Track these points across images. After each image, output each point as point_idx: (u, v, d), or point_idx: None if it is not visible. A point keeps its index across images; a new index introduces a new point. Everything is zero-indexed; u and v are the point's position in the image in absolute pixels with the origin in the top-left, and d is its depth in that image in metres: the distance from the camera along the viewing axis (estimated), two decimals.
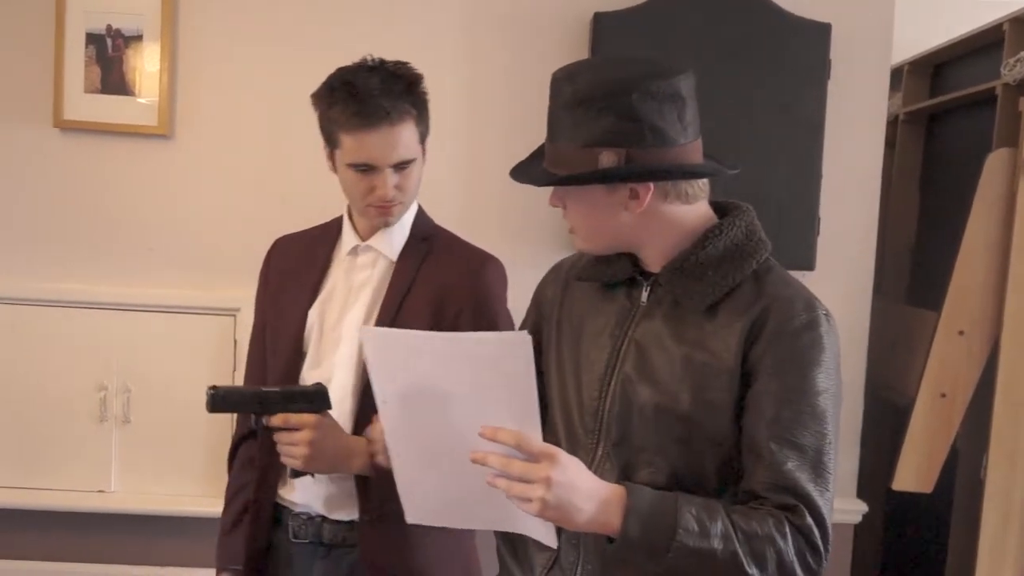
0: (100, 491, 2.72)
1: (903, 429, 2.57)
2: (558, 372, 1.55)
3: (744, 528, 1.33)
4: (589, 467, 1.45)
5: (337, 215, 1.94)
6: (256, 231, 2.70)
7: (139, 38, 2.63)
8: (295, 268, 1.89)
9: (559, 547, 1.48)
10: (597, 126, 1.38)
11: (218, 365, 2.68)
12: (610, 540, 1.33)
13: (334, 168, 1.81)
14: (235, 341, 2.68)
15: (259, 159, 2.70)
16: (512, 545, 1.62)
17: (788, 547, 1.33)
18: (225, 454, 1.98)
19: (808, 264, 2.64)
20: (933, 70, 3.20)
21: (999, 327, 2.48)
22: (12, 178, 2.68)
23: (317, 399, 1.71)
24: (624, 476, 1.44)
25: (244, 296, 2.75)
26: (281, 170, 2.69)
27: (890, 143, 2.99)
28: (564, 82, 1.42)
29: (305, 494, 1.82)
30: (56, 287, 2.68)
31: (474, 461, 1.32)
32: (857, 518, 2.81)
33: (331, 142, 1.78)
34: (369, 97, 1.69)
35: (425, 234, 1.88)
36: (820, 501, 1.36)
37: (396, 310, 1.79)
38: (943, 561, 2.73)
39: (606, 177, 1.39)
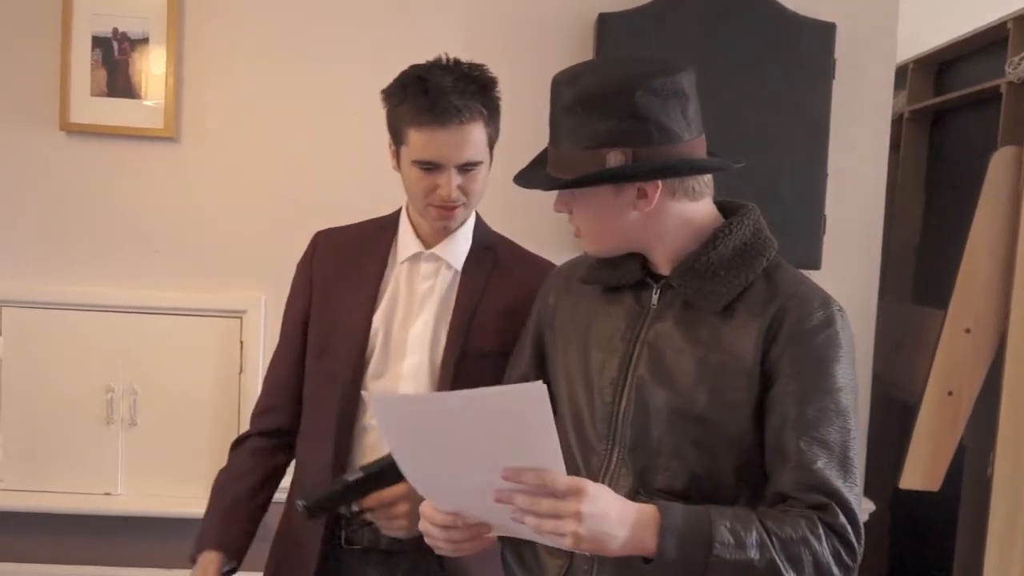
0: (107, 493, 2.72)
1: (910, 427, 2.57)
2: (566, 379, 1.53)
3: (778, 534, 1.32)
4: (604, 473, 1.45)
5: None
6: (262, 234, 2.72)
7: (145, 41, 2.64)
8: (347, 267, 1.82)
9: (572, 555, 1.47)
10: (602, 126, 1.37)
11: (224, 367, 2.69)
12: (646, 560, 1.31)
13: (397, 166, 1.75)
14: (241, 343, 2.68)
15: (265, 161, 2.70)
16: (519, 553, 1.59)
17: (823, 548, 1.33)
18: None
19: (814, 263, 2.64)
20: (938, 68, 3.20)
21: (1005, 324, 2.48)
22: (19, 181, 2.68)
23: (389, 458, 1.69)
24: (641, 481, 1.43)
25: (250, 298, 2.77)
26: (287, 172, 2.69)
27: (895, 142, 2.99)
28: (565, 85, 1.41)
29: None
30: (63, 290, 2.68)
31: (498, 502, 1.30)
32: (864, 517, 2.80)
33: (397, 139, 1.72)
34: (441, 94, 1.64)
35: (488, 243, 1.83)
36: (850, 497, 1.36)
37: (468, 323, 1.75)
38: (951, 559, 2.73)
39: (615, 177, 1.38)
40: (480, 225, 1.84)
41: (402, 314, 1.78)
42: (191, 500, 2.71)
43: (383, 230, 1.84)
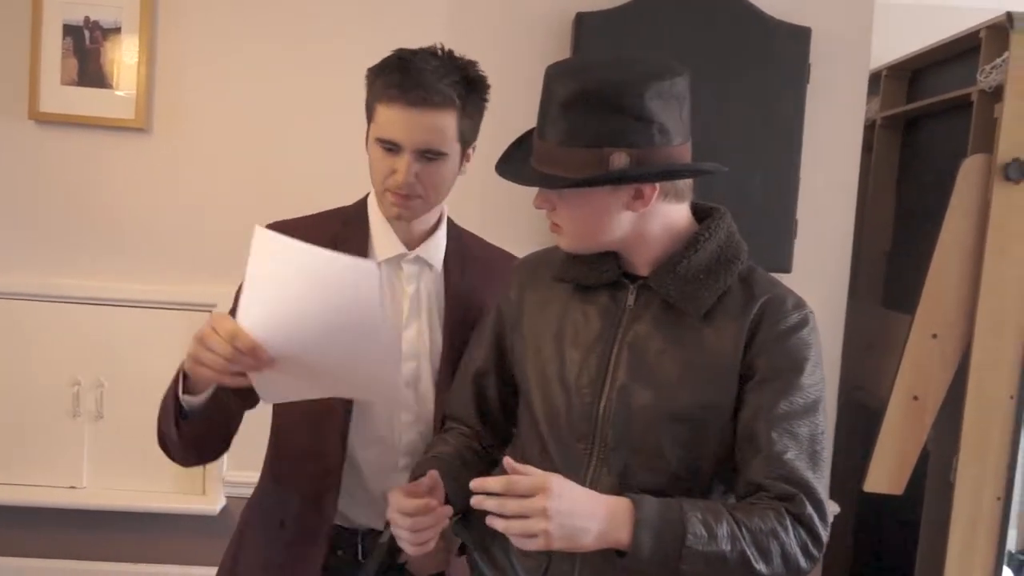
0: (72, 487, 2.70)
1: (875, 431, 2.60)
2: (540, 379, 1.52)
3: (748, 525, 1.35)
4: (584, 473, 1.46)
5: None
6: (233, 227, 2.68)
7: (117, 30, 2.61)
8: None
9: (550, 557, 1.48)
10: (605, 125, 1.36)
11: None
12: (619, 553, 1.33)
13: (367, 147, 1.66)
14: None
15: (236, 155, 2.68)
16: (487, 552, 1.58)
17: (790, 539, 1.36)
18: None
19: (785, 266, 2.65)
20: (911, 75, 3.23)
21: (971, 331, 2.51)
22: None
23: None
24: (621, 480, 1.44)
25: (220, 292, 2.72)
26: (259, 166, 2.68)
27: (867, 147, 3.01)
28: (565, 79, 1.38)
29: (379, 517, 1.66)
30: (30, 281, 2.66)
31: (474, 506, 1.33)
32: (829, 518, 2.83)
33: (368, 115, 1.64)
34: (417, 73, 1.56)
35: (458, 238, 1.78)
36: (818, 487, 1.39)
37: (460, 323, 1.70)
38: (912, 562, 2.75)
39: (622, 178, 1.37)
40: (449, 223, 1.78)
41: (390, 319, 1.68)
42: (157, 494, 2.70)
43: (350, 227, 1.73)
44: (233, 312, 1.47)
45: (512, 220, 2.58)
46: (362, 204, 1.75)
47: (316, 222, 1.74)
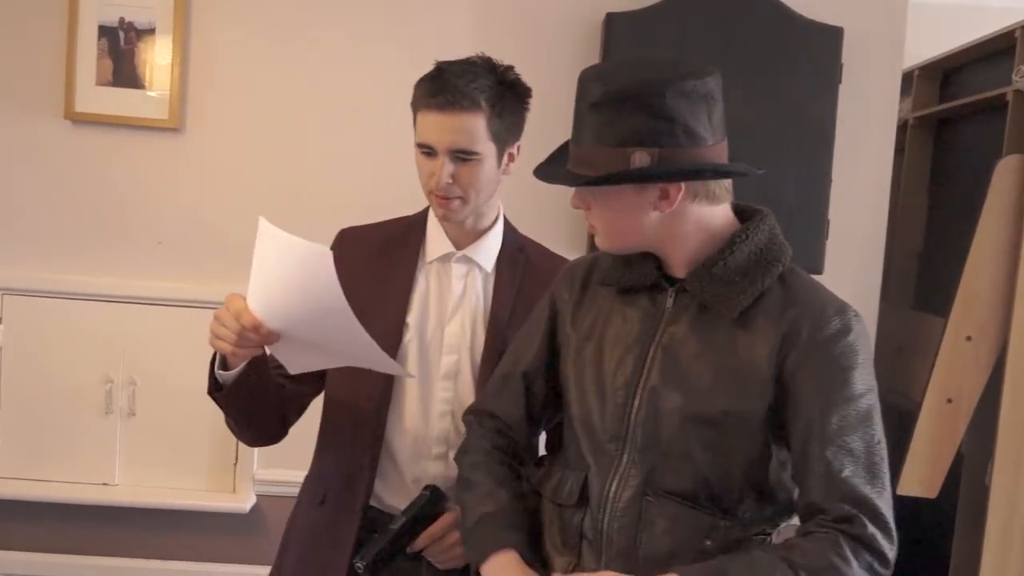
0: (104, 484, 2.72)
1: (908, 434, 2.57)
2: (577, 379, 1.53)
3: (803, 566, 1.33)
4: (614, 474, 1.46)
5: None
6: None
7: (151, 31, 2.64)
8: (375, 266, 1.80)
9: (580, 553, 1.49)
10: (628, 125, 1.36)
11: None
12: None
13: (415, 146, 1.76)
14: None
15: (269, 154, 2.70)
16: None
17: (851, 567, 1.34)
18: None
19: (816, 267, 2.63)
20: (943, 75, 3.20)
21: (1007, 333, 2.48)
22: (23, 169, 2.69)
23: (438, 500, 1.68)
24: (649, 482, 1.44)
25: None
26: (291, 165, 2.69)
27: (899, 148, 2.99)
28: (593, 82, 1.40)
29: (409, 499, 1.74)
30: (64, 279, 2.69)
31: None
32: None
33: (414, 122, 1.73)
34: (447, 79, 1.65)
35: (518, 244, 1.83)
36: (880, 503, 1.36)
37: (505, 323, 1.75)
38: (946, 566, 2.72)
39: (640, 177, 1.37)
40: (508, 227, 1.84)
41: (435, 314, 1.77)
42: (189, 491, 2.72)
43: (409, 229, 1.83)
44: None
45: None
46: (425, 210, 1.84)
47: (383, 226, 1.86)
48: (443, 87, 1.64)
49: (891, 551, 1.37)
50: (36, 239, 2.70)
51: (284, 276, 1.48)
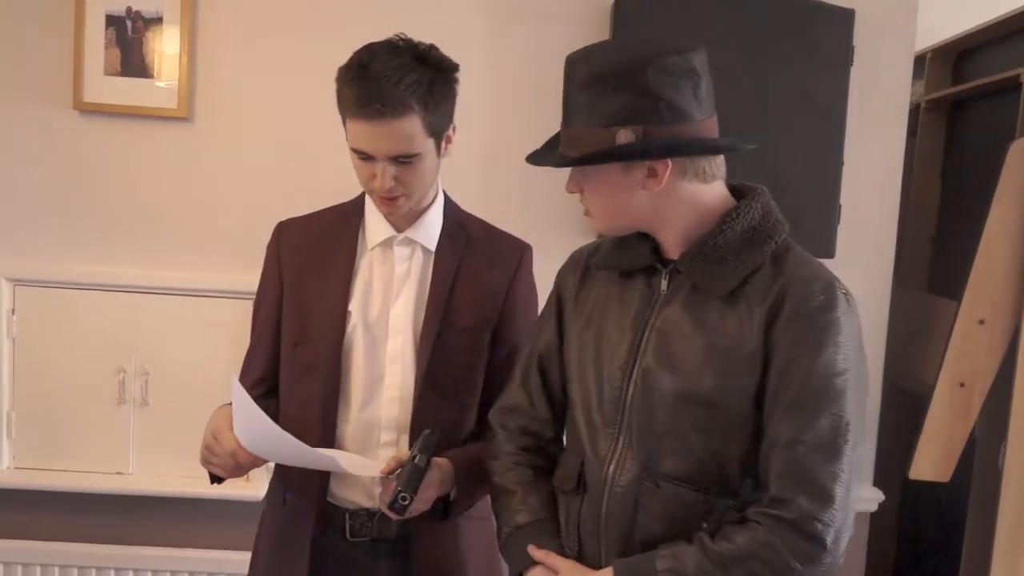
0: (119, 473, 2.74)
1: (921, 418, 2.56)
2: (578, 363, 1.54)
3: (725, 556, 1.36)
4: (610, 458, 1.47)
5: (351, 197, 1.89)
6: (275, 215, 2.69)
7: (159, 20, 2.63)
8: (316, 256, 1.81)
9: (580, 545, 1.52)
10: (613, 104, 1.37)
11: (236, 349, 2.66)
12: None
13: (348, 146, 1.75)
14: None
15: (279, 142, 2.70)
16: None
17: (779, 551, 1.35)
18: None
19: (828, 252, 2.62)
20: (956, 58, 3.18)
21: (1019, 316, 2.47)
22: (31, 160, 2.69)
23: (435, 440, 1.70)
24: (646, 466, 1.44)
25: None
26: (301, 153, 2.69)
27: (912, 131, 2.97)
28: (578, 63, 1.41)
29: (370, 493, 1.78)
30: (75, 269, 2.69)
31: None
32: (874, 506, 2.81)
33: (343, 121, 1.71)
34: (374, 84, 1.60)
35: (458, 220, 1.83)
36: (831, 483, 1.35)
37: (445, 301, 1.76)
38: (959, 549, 2.72)
39: (623, 154, 1.37)
40: (449, 204, 1.84)
41: (380, 298, 1.77)
42: (202, 480, 2.70)
43: (347, 217, 1.83)
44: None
45: (553, 208, 2.59)
46: (361, 196, 1.84)
47: (319, 216, 1.88)
48: (371, 95, 1.60)
49: (829, 533, 1.35)
50: (47, 230, 2.70)
51: (280, 446, 1.65)
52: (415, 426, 1.74)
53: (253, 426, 1.63)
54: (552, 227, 2.61)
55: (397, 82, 1.60)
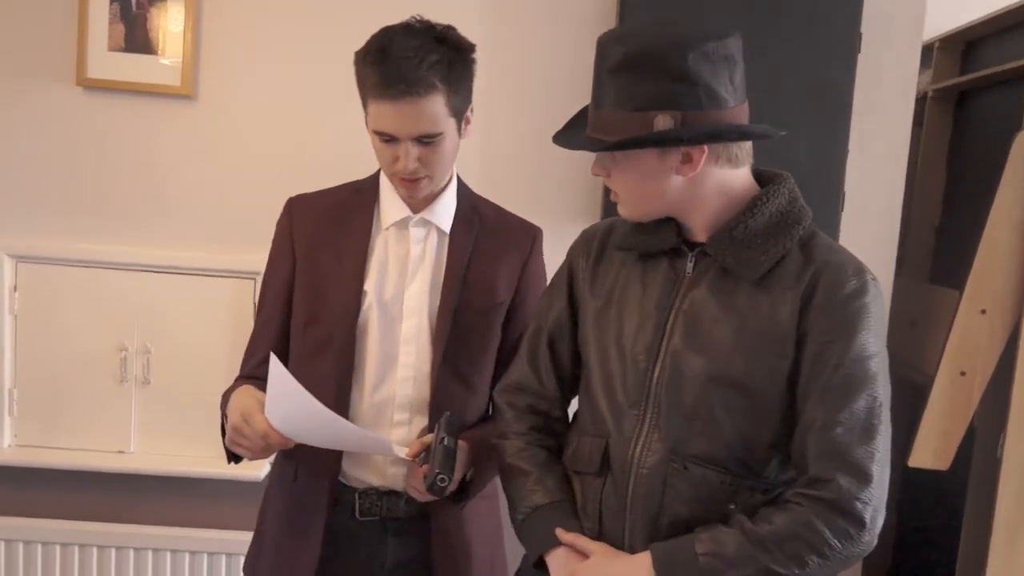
0: (120, 451, 2.74)
1: (921, 406, 2.57)
2: (598, 344, 1.54)
3: (766, 537, 1.36)
4: (636, 439, 1.47)
5: (363, 176, 1.89)
6: (279, 193, 2.69)
7: None
8: (329, 234, 1.80)
9: (601, 523, 1.52)
10: (650, 89, 1.36)
11: (238, 328, 2.69)
12: None
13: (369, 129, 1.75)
14: (255, 304, 2.68)
15: (283, 121, 2.69)
16: None
17: (819, 532, 1.35)
18: None
19: (831, 239, 2.61)
20: (964, 47, 3.16)
21: (1021, 306, 2.47)
22: (35, 136, 2.68)
23: (457, 421, 1.72)
24: (675, 447, 1.44)
25: (265, 259, 2.75)
26: (305, 132, 2.68)
27: (918, 120, 2.96)
28: (612, 44, 1.39)
29: (382, 473, 1.80)
30: (78, 247, 2.69)
31: None
32: None
33: (363, 103, 1.71)
34: (396, 65, 1.60)
35: (471, 203, 1.84)
36: (868, 462, 1.37)
37: (460, 282, 1.76)
38: (957, 538, 2.73)
39: (664, 140, 1.37)
40: (462, 187, 1.85)
41: (395, 278, 1.77)
42: (204, 459, 2.73)
43: (361, 194, 1.82)
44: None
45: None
46: (375, 175, 1.83)
47: (332, 193, 1.86)
48: (395, 76, 1.60)
49: (868, 511, 1.36)
50: (50, 207, 2.70)
51: (321, 427, 1.62)
52: (433, 408, 1.75)
53: (291, 406, 1.59)
54: (552, 209, 2.61)
55: (420, 62, 1.61)
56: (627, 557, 1.45)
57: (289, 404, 1.59)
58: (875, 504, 1.37)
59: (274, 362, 1.57)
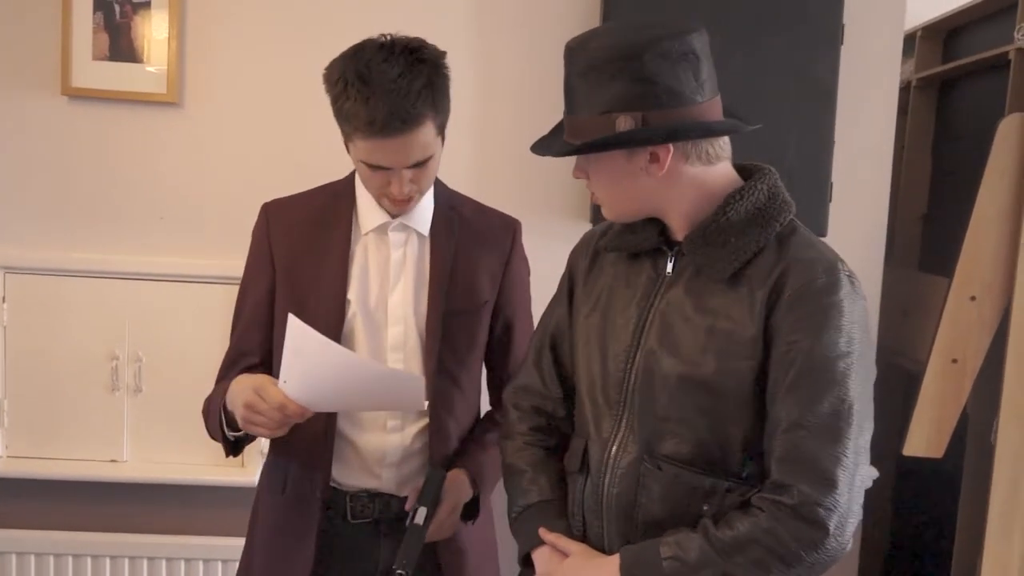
0: (113, 460, 2.73)
1: (914, 395, 2.58)
2: (584, 344, 1.54)
3: (727, 543, 1.36)
4: (613, 439, 1.47)
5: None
6: (266, 199, 2.70)
7: (147, 5, 2.61)
8: (308, 240, 1.77)
9: (584, 524, 1.52)
10: (611, 91, 1.36)
11: (229, 334, 2.68)
12: None
13: (349, 153, 1.71)
14: None
15: (269, 127, 2.68)
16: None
17: (781, 538, 1.34)
18: None
19: (820, 230, 2.62)
20: (946, 35, 3.18)
21: (1010, 292, 2.48)
22: (20, 146, 2.67)
23: (443, 479, 1.73)
24: (648, 448, 1.44)
25: None
26: (291, 139, 2.68)
27: (902, 109, 2.97)
28: (577, 51, 1.40)
29: (373, 475, 1.80)
30: (66, 256, 2.68)
31: None
32: (868, 483, 2.81)
33: (344, 134, 1.67)
34: (384, 101, 1.55)
35: (450, 203, 1.82)
36: (832, 468, 1.33)
37: (446, 285, 1.75)
38: (953, 525, 2.74)
39: (623, 141, 1.37)
40: (439, 186, 1.82)
41: (377, 285, 1.75)
42: (197, 467, 2.72)
43: (338, 199, 1.79)
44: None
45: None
46: (350, 178, 1.81)
47: (308, 197, 1.83)
48: (386, 114, 1.55)
49: (832, 517, 1.33)
50: (37, 216, 2.69)
51: (345, 380, 1.57)
52: (432, 415, 1.77)
53: (310, 363, 1.54)
54: (543, 211, 2.61)
55: (406, 94, 1.56)
56: (600, 559, 1.46)
57: (308, 361, 1.54)
58: (841, 511, 1.33)
59: (292, 319, 1.54)
